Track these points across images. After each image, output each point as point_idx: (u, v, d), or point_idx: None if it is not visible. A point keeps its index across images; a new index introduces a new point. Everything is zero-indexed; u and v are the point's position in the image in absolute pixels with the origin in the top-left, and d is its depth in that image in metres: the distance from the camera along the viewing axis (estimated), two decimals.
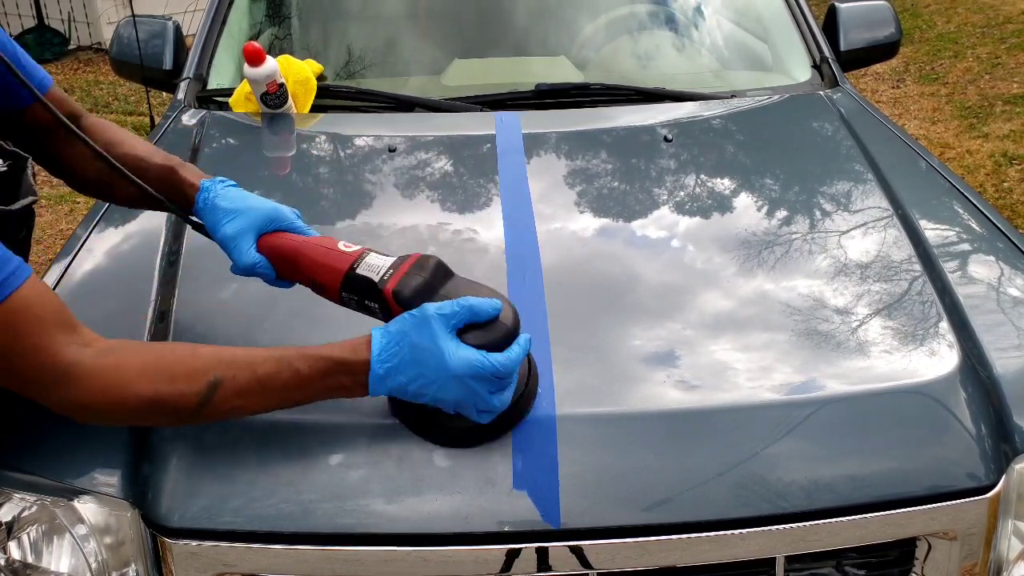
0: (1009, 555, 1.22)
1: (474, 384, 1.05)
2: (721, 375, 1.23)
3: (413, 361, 1.05)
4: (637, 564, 1.12)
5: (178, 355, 1.06)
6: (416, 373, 1.05)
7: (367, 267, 1.16)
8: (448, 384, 1.05)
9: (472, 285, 1.15)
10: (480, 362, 1.04)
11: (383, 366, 1.05)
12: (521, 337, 1.10)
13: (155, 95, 5.18)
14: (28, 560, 1.17)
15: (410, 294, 1.11)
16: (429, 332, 1.05)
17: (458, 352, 1.04)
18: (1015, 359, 1.29)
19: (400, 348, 1.05)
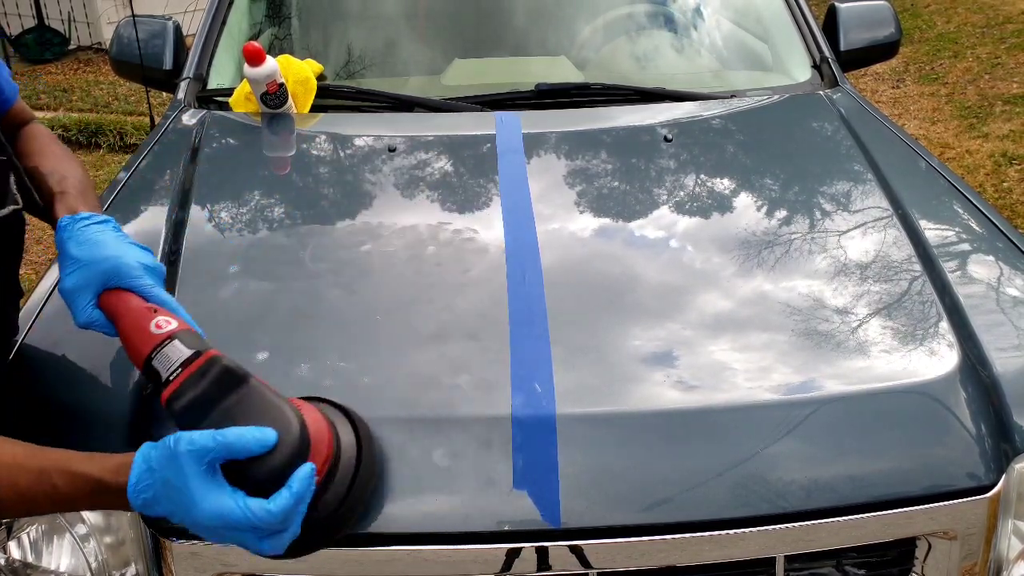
0: (1009, 555, 1.22)
1: (232, 534, 0.94)
2: (721, 375, 1.23)
3: (167, 498, 0.93)
4: (637, 564, 1.12)
5: None
6: (171, 511, 0.94)
7: (162, 359, 1.03)
8: (203, 532, 0.95)
9: (265, 399, 1.01)
10: (232, 512, 0.92)
11: (139, 497, 0.94)
12: (299, 472, 0.96)
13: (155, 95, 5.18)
14: (28, 560, 1.17)
15: (179, 409, 0.99)
16: (178, 470, 0.92)
17: (207, 498, 0.92)
18: (1015, 359, 1.29)
19: (153, 481, 0.94)
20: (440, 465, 1.13)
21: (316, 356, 1.27)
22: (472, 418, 1.17)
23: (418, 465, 1.13)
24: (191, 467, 0.92)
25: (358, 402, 1.20)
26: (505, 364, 1.23)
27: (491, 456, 1.13)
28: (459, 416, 1.17)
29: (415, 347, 1.28)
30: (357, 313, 1.36)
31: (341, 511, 1.02)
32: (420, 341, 1.29)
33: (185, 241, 1.53)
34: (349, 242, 1.54)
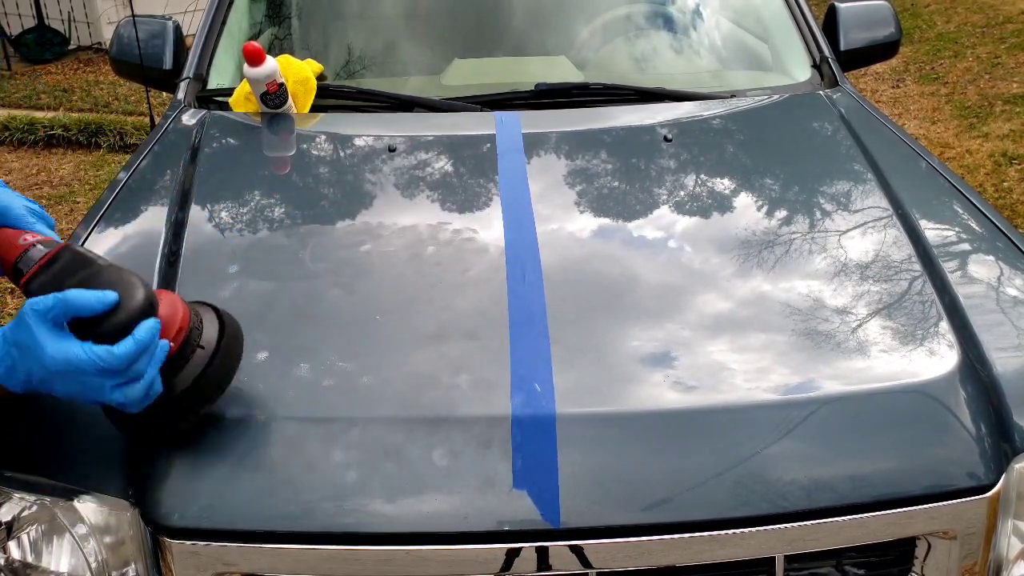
0: (1009, 554, 1.22)
1: (84, 379, 1.02)
2: (721, 375, 1.23)
3: (22, 359, 1.02)
4: (637, 563, 1.12)
5: None
6: (27, 370, 1.02)
7: (25, 261, 1.13)
8: (56, 380, 1.02)
9: (106, 272, 1.10)
10: (77, 356, 1.01)
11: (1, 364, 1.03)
12: (143, 324, 1.05)
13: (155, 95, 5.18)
14: (28, 560, 1.17)
15: (34, 289, 1.09)
16: (26, 329, 1.01)
17: (54, 347, 1.01)
18: (1015, 359, 1.29)
19: (8, 348, 1.03)
20: (440, 465, 1.13)
21: (316, 356, 1.27)
22: (472, 418, 1.17)
23: (418, 465, 1.13)
24: (37, 324, 1.01)
25: (358, 402, 1.20)
26: (505, 364, 1.23)
27: (491, 456, 1.13)
28: (459, 416, 1.17)
29: (415, 347, 1.28)
30: (357, 313, 1.36)
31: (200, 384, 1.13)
32: (420, 341, 1.29)
33: (185, 241, 1.53)
34: (349, 242, 1.54)
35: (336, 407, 1.19)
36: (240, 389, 1.21)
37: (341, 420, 1.18)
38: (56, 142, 5.76)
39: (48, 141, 5.76)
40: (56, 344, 1.01)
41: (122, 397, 1.04)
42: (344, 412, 1.19)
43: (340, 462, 1.14)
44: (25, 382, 1.04)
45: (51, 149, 5.73)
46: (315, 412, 1.19)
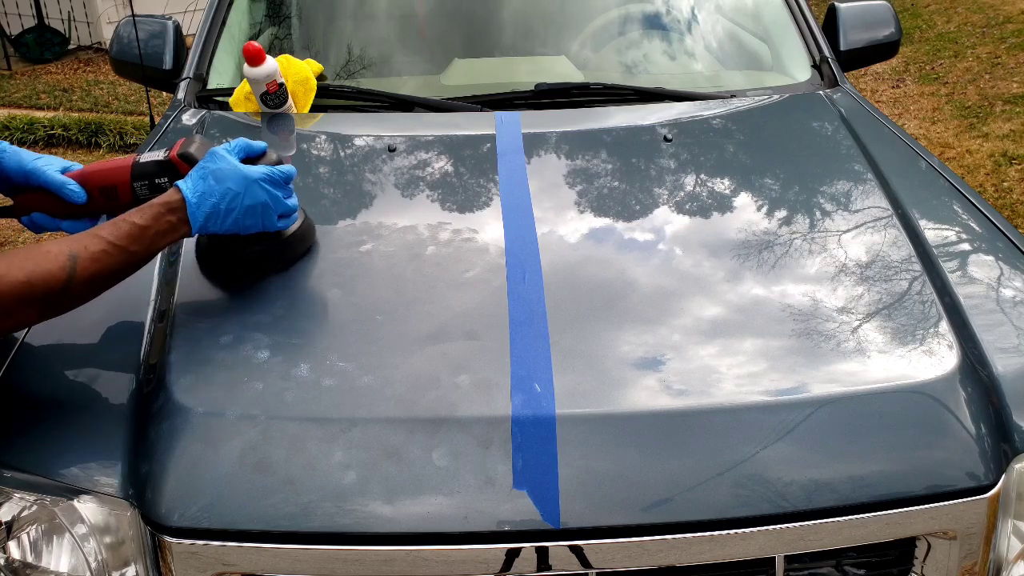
0: (1008, 554, 1.22)
1: (270, 188, 1.35)
2: (721, 375, 1.23)
3: (218, 182, 1.31)
4: (637, 564, 1.12)
5: (32, 248, 1.19)
6: (224, 190, 1.31)
7: (148, 156, 1.38)
8: (252, 190, 1.33)
9: None
10: (269, 169, 1.36)
11: (195, 194, 1.30)
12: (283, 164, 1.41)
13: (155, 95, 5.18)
14: (28, 560, 1.17)
15: (191, 151, 1.36)
16: (224, 160, 1.33)
17: (248, 168, 1.34)
18: (1015, 359, 1.29)
19: (204, 179, 1.31)
20: (440, 465, 1.13)
21: (316, 356, 1.27)
22: (472, 418, 1.17)
23: (418, 465, 1.13)
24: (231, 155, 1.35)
25: (358, 402, 1.20)
26: (505, 364, 1.23)
27: (491, 456, 1.13)
28: (459, 416, 1.17)
29: (415, 347, 1.28)
30: (357, 313, 1.36)
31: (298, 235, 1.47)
32: (420, 341, 1.29)
33: (185, 241, 1.53)
34: (349, 242, 1.54)
35: (336, 407, 1.19)
36: (240, 389, 1.21)
37: (341, 420, 1.18)
38: (56, 142, 5.76)
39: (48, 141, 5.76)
40: (247, 167, 1.34)
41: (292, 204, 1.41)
42: (344, 412, 1.19)
43: (340, 462, 1.14)
44: (214, 207, 1.31)
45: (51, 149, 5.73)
46: (315, 412, 1.19)
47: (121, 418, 1.22)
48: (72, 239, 1.23)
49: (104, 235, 1.24)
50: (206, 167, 1.32)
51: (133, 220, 1.26)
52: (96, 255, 1.22)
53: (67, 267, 1.19)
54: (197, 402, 1.21)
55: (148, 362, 1.30)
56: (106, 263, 1.23)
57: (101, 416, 1.23)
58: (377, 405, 1.19)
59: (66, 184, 1.38)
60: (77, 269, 1.19)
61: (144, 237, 1.26)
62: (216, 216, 1.31)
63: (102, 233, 1.24)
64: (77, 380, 1.30)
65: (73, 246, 1.21)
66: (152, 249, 1.28)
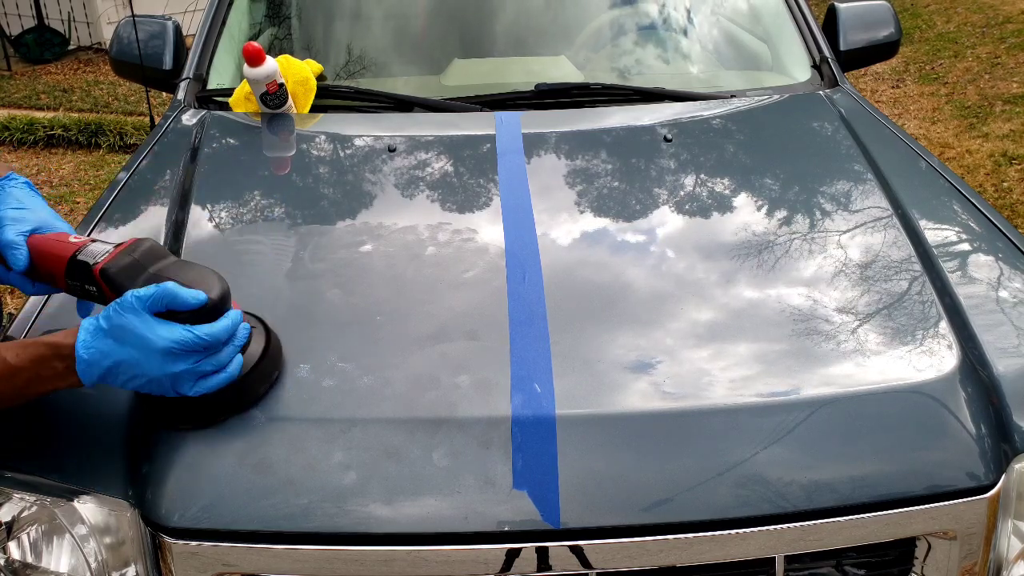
0: (1009, 554, 1.22)
1: (183, 358, 1.09)
2: (722, 376, 1.23)
3: (119, 343, 1.07)
4: (637, 564, 1.12)
5: None
6: (123, 356, 1.08)
7: (87, 253, 1.17)
8: (156, 361, 1.08)
9: (186, 267, 1.17)
10: (184, 336, 1.08)
11: (88, 350, 1.07)
12: (231, 312, 1.15)
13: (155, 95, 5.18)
14: (28, 560, 1.17)
15: (115, 271, 1.14)
16: (130, 315, 1.08)
17: (161, 329, 1.08)
18: (1015, 359, 1.29)
19: (102, 335, 1.08)
20: (440, 465, 1.13)
21: (316, 356, 1.27)
22: (472, 418, 1.17)
23: (418, 465, 1.13)
24: (141, 312, 1.08)
25: (358, 402, 1.20)
26: (505, 364, 1.23)
27: (491, 456, 1.13)
28: (459, 416, 1.17)
29: (415, 347, 1.28)
30: (357, 313, 1.36)
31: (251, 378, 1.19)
32: (420, 341, 1.29)
33: (185, 241, 1.53)
34: (349, 242, 1.54)
35: (336, 407, 1.19)
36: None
37: (341, 420, 1.18)
38: (56, 142, 5.76)
39: (48, 141, 5.76)
40: (161, 327, 1.08)
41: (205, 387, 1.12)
42: (344, 412, 1.19)
43: (340, 462, 1.14)
44: (108, 370, 1.08)
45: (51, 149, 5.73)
46: (315, 412, 1.19)
47: (121, 418, 1.22)
48: None
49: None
50: (109, 319, 1.08)
51: (5, 357, 1.06)
52: None
53: None
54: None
55: None
56: None
57: (101, 416, 1.22)
58: (377, 405, 1.19)
59: (12, 246, 1.20)
60: None
61: (15, 379, 1.07)
62: (113, 379, 1.10)
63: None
64: None
65: None
66: (26, 393, 1.09)
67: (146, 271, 1.14)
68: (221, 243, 1.56)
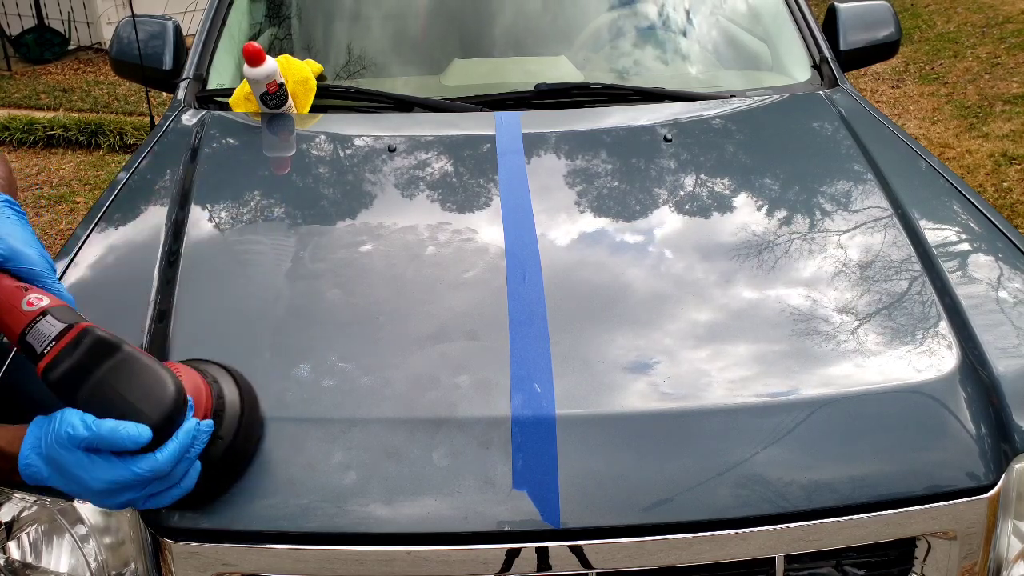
0: (1008, 554, 1.22)
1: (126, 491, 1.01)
2: (722, 376, 1.23)
3: (56, 474, 1.01)
4: (637, 564, 1.12)
5: None
6: (63, 484, 1.01)
7: (35, 335, 1.06)
8: (96, 496, 1.01)
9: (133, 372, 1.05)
10: (122, 475, 0.99)
11: (28, 471, 1.01)
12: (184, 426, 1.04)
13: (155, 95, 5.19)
14: (28, 560, 1.17)
15: (56, 379, 1.03)
16: (61, 452, 0.99)
17: (95, 471, 0.99)
18: (1015, 359, 1.29)
19: (41, 459, 1.01)
20: (440, 466, 1.13)
21: (316, 356, 1.27)
22: (472, 418, 1.17)
23: (418, 465, 1.13)
24: (72, 451, 0.99)
25: (358, 402, 1.20)
26: (505, 364, 1.23)
27: (491, 456, 1.13)
28: (459, 416, 1.17)
29: (415, 347, 1.28)
30: (357, 313, 1.36)
31: (227, 460, 1.10)
32: (420, 341, 1.29)
33: (185, 241, 1.53)
34: (349, 242, 1.54)
35: (336, 407, 1.19)
36: None
37: (341, 420, 1.18)
38: (56, 142, 5.76)
39: (48, 141, 5.77)
40: (95, 468, 0.99)
41: (157, 504, 1.05)
42: (344, 412, 1.18)
43: (340, 462, 1.14)
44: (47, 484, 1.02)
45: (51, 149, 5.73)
46: (315, 412, 1.19)
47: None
48: None
49: None
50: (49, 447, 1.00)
51: None
52: None
53: None
54: None
55: None
56: None
57: None
58: (377, 405, 1.19)
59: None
60: None
61: None
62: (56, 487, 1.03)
63: None
64: None
65: None
66: None
67: (90, 376, 1.03)
68: (221, 243, 1.56)
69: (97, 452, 0.99)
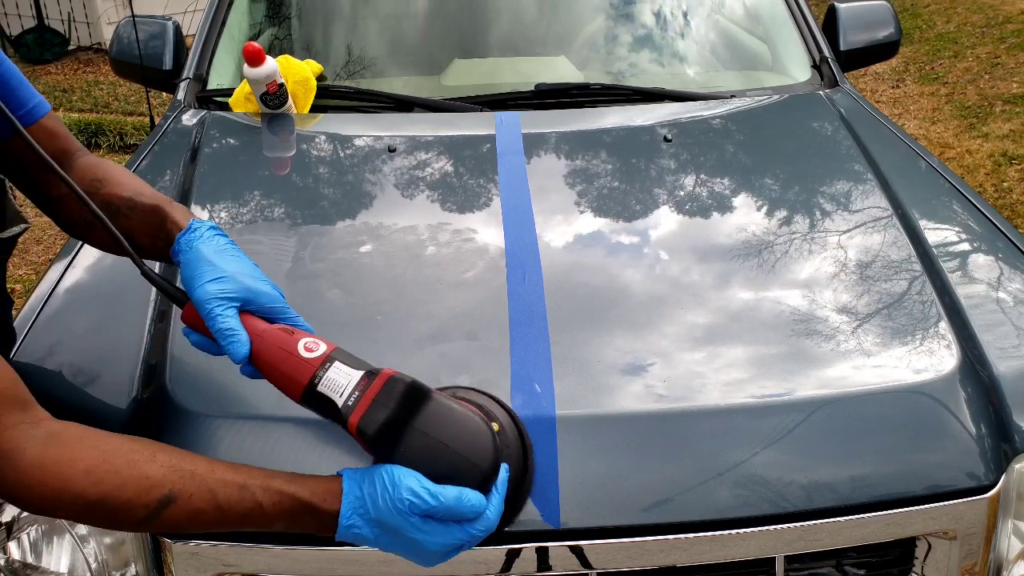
0: (1009, 554, 1.22)
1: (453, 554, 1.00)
2: (722, 376, 1.23)
3: (386, 536, 0.97)
4: (637, 564, 1.12)
5: (132, 458, 0.95)
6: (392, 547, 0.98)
7: (328, 384, 1.00)
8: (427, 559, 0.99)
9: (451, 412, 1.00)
10: (458, 539, 0.97)
11: (350, 531, 0.97)
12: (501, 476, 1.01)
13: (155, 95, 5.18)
14: (28, 560, 1.17)
15: (373, 435, 0.97)
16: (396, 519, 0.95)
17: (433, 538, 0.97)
18: (1015, 359, 1.29)
19: (367, 519, 0.97)
20: None
21: None
22: None
23: None
24: (410, 519, 0.95)
25: None
26: (505, 364, 1.23)
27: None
28: None
29: (415, 347, 1.28)
30: (357, 313, 1.36)
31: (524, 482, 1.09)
32: (420, 341, 1.29)
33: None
34: (349, 242, 1.54)
35: None
36: (241, 389, 1.21)
37: None
38: None
39: None
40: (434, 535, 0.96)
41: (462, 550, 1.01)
42: None
43: (340, 462, 1.14)
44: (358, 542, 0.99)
45: None
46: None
47: (121, 418, 1.21)
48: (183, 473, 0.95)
49: (218, 496, 0.95)
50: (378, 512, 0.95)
51: (261, 502, 0.96)
52: (194, 512, 0.95)
53: (151, 508, 0.93)
54: (197, 402, 1.20)
55: (148, 362, 1.30)
56: (199, 522, 0.96)
57: (101, 416, 1.22)
58: None
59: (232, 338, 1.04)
60: (162, 514, 0.94)
61: (264, 525, 0.98)
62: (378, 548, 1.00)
63: (218, 492, 0.95)
64: (77, 380, 1.29)
65: (177, 485, 0.94)
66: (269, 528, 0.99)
67: (407, 427, 0.97)
68: None
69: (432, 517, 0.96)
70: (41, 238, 4.38)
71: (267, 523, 0.97)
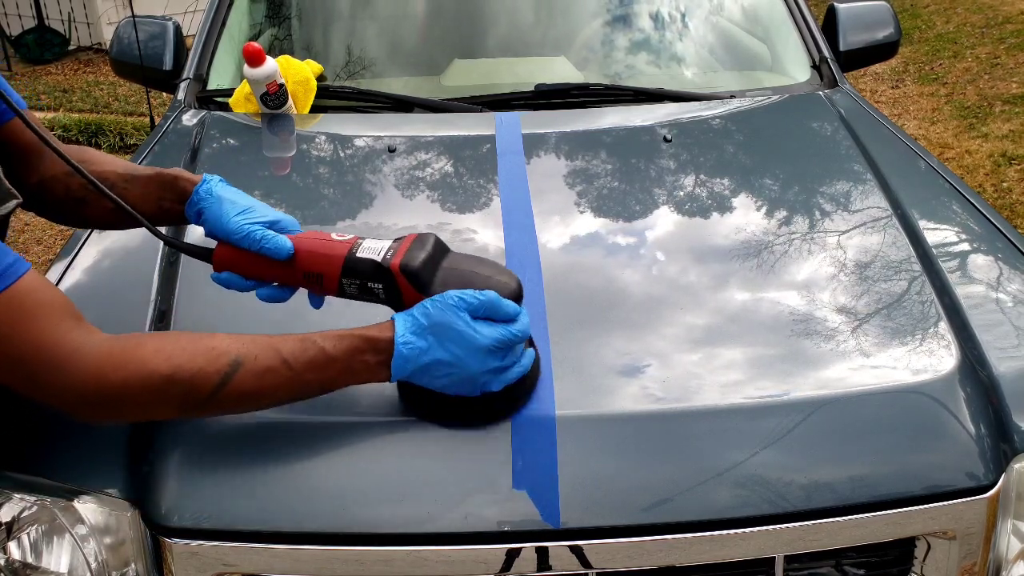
0: (1008, 554, 1.22)
1: (498, 355, 1.10)
2: (722, 376, 1.23)
3: (439, 343, 1.08)
4: (637, 564, 1.12)
5: (194, 336, 1.05)
6: (443, 355, 1.08)
7: (366, 250, 1.15)
8: (479, 359, 1.09)
9: (475, 262, 1.18)
10: (503, 333, 1.10)
11: (407, 347, 1.08)
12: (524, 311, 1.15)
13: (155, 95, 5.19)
14: (28, 560, 1.17)
15: (418, 266, 1.12)
16: (452, 313, 1.08)
17: (482, 330, 1.09)
18: (1015, 359, 1.29)
19: (423, 334, 1.08)
20: (440, 465, 1.13)
21: None
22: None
23: (418, 465, 1.13)
24: (460, 314, 1.08)
25: (358, 402, 1.20)
26: None
27: (491, 456, 1.13)
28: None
29: None
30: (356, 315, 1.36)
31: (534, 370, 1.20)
32: None
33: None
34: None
35: (336, 407, 1.19)
36: None
37: (341, 420, 1.18)
38: None
39: None
40: (484, 326, 1.09)
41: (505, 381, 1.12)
42: (344, 413, 1.18)
43: (341, 462, 1.14)
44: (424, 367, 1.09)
45: None
46: (315, 412, 1.19)
47: None
48: (244, 340, 1.05)
49: (282, 351, 1.05)
50: (430, 316, 1.08)
51: (323, 347, 1.06)
52: (263, 371, 1.04)
53: (223, 372, 1.02)
54: None
55: None
56: (271, 383, 1.05)
57: None
58: (377, 405, 1.19)
59: (267, 239, 1.18)
60: (234, 378, 1.02)
61: (329, 369, 1.07)
62: (423, 375, 1.10)
63: (281, 347, 1.05)
64: None
65: (242, 349, 1.03)
66: (332, 386, 1.10)
67: (440, 266, 1.15)
68: None
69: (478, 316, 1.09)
70: (41, 238, 4.38)
71: (330, 367, 1.07)
